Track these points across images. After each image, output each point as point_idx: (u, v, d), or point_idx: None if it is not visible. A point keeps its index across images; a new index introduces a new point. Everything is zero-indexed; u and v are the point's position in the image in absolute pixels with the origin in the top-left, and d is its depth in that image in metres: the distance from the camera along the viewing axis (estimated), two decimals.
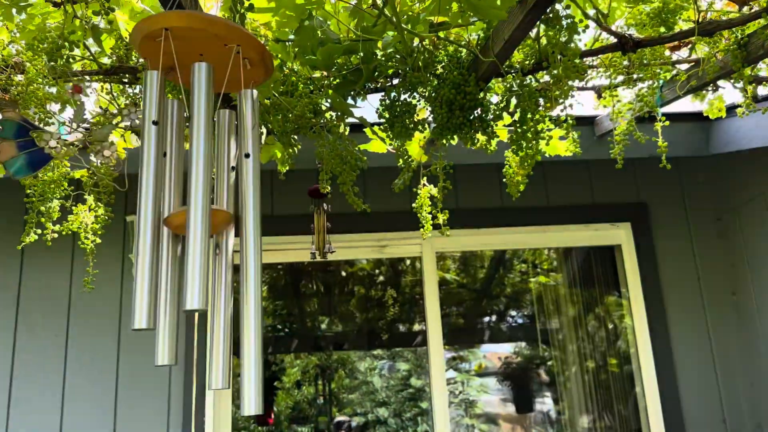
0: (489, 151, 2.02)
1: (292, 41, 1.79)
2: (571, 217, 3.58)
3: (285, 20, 1.39)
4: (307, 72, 1.98)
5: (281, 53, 1.88)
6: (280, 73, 1.93)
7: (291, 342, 6.21)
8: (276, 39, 1.84)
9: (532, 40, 1.83)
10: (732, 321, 3.36)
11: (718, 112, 2.26)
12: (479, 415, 10.19)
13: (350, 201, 1.92)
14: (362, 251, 3.56)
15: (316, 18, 1.71)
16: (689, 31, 1.79)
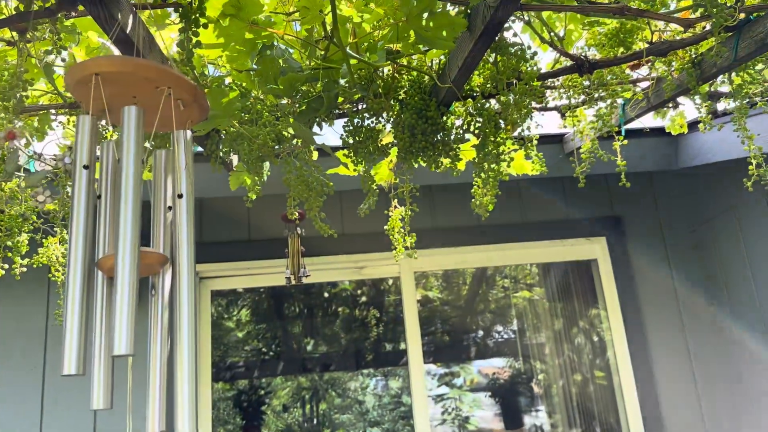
0: (454, 173, 2.04)
1: (254, 70, 1.82)
2: (548, 233, 3.61)
3: (235, 54, 1.41)
4: (272, 100, 2.01)
5: (245, 82, 1.90)
6: (245, 101, 1.95)
7: (277, 365, 6.18)
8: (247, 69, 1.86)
9: (491, 65, 1.86)
10: (710, 331, 3.39)
11: (679, 129, 2.30)
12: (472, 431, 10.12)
13: (317, 227, 1.94)
14: (340, 273, 3.57)
15: (277, 47, 1.74)
16: (646, 51, 1.83)
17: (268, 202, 2.70)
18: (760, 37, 1.64)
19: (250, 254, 3.39)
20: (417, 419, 3.26)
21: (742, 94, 1.86)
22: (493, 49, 1.52)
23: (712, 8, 1.49)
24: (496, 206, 3.43)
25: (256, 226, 3.42)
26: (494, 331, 6.69)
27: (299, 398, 7.49)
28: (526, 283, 5.16)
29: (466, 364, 9.73)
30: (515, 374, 6.87)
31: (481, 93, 1.88)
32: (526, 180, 3.58)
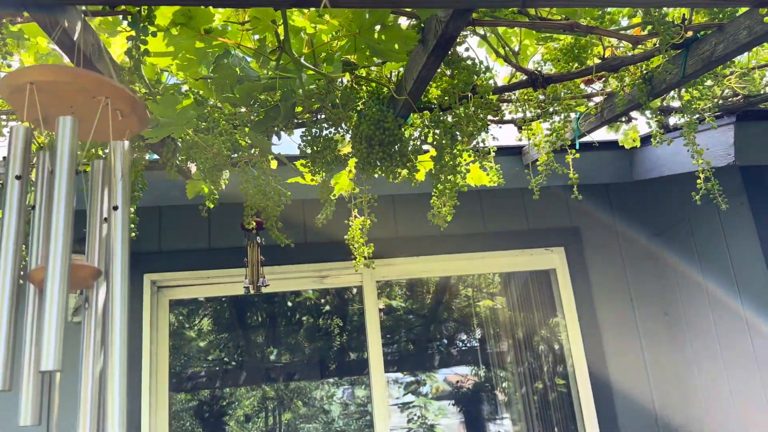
0: (413, 183, 2.05)
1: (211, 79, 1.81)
2: (508, 242, 3.65)
3: (185, 63, 1.40)
4: (230, 108, 2.00)
5: (203, 90, 1.89)
6: (202, 109, 1.94)
7: (239, 375, 6.11)
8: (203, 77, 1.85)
9: (448, 77, 1.88)
10: (665, 340, 3.46)
11: (632, 142, 2.36)
12: None
13: (274, 236, 1.93)
14: (303, 282, 3.55)
15: (234, 56, 1.73)
16: (597, 66, 1.88)
17: (229, 211, 2.67)
18: (706, 54, 1.69)
19: (211, 263, 3.35)
20: (378, 428, 3.25)
21: (691, 110, 1.92)
22: (447, 63, 1.54)
23: (660, 26, 1.53)
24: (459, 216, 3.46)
25: (217, 235, 3.39)
26: (458, 339, 6.73)
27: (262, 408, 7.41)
28: (488, 292, 5.21)
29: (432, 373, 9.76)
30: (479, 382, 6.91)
31: (439, 105, 1.90)
32: (488, 191, 3.62)
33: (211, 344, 5.80)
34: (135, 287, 3.20)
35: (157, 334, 3.23)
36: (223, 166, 1.89)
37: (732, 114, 2.36)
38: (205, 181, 2.14)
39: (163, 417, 3.16)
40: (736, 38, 1.58)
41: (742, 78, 2.10)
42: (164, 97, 1.50)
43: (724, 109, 2.35)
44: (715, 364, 3.09)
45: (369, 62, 1.54)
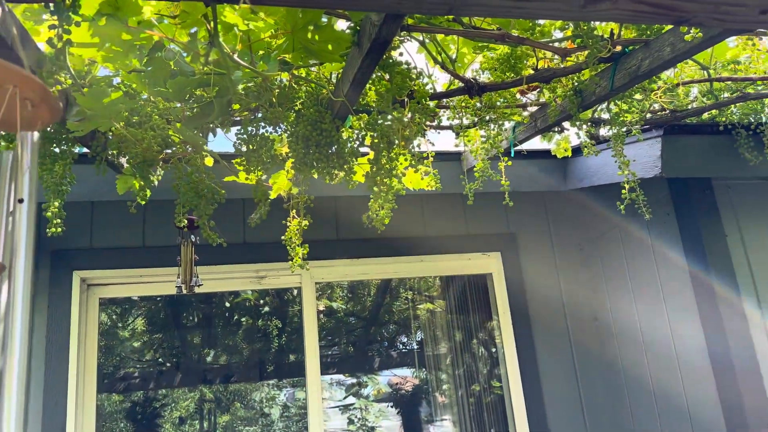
0: (350, 186, 2.05)
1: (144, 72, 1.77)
2: (447, 246, 3.70)
3: (111, 55, 1.36)
4: (164, 103, 1.96)
5: (136, 83, 1.84)
6: (133, 103, 1.89)
7: (174, 376, 5.98)
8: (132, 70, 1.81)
9: (386, 81, 1.90)
10: (594, 343, 3.57)
11: (564, 152, 2.42)
12: None
13: (205, 235, 1.90)
14: (240, 282, 3.50)
15: (168, 50, 1.70)
16: (529, 77, 1.92)
17: (164, 208, 2.61)
18: (632, 69, 1.76)
19: (144, 261, 3.27)
20: (312, 430, 3.24)
21: (618, 122, 1.99)
22: (382, 67, 1.55)
23: (588, 39, 1.58)
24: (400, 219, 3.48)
25: (152, 232, 3.31)
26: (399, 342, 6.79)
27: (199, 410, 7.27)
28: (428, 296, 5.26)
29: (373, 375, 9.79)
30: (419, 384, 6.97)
31: (377, 108, 1.91)
32: (429, 195, 3.65)
33: (146, 344, 5.66)
34: (63, 285, 3.09)
35: (85, 333, 3.13)
36: (153, 161, 1.86)
37: (660, 127, 2.46)
38: (135, 176, 2.09)
39: (90, 418, 3.06)
40: (661, 54, 1.65)
41: (668, 93, 2.19)
42: (92, 90, 1.46)
43: (652, 123, 2.44)
44: (641, 370, 3.21)
45: (304, 62, 1.54)
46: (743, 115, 2.48)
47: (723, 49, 2.12)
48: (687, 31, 1.48)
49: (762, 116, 2.49)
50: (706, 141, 2.62)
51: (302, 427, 7.87)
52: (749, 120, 2.49)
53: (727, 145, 2.60)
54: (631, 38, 1.80)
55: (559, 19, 1.06)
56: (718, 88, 2.31)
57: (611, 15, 1.03)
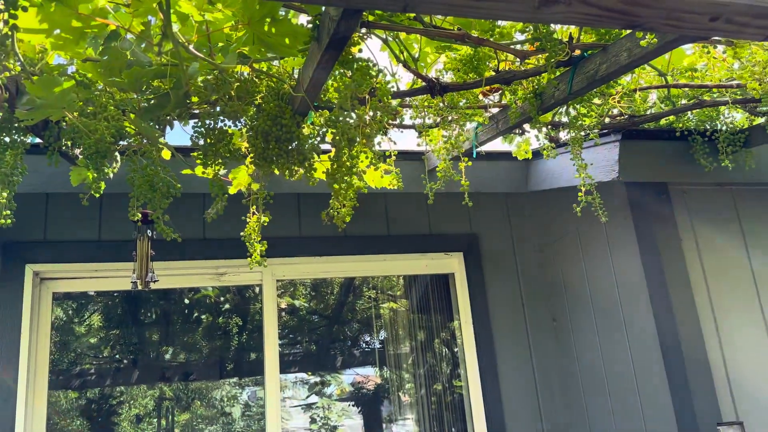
0: (310, 182, 2.04)
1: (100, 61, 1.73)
2: (410, 246, 3.71)
3: (61, 42, 1.33)
4: (120, 94, 1.92)
5: (91, 72, 1.80)
6: (88, 93, 1.85)
7: (132, 373, 5.87)
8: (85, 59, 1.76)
9: (348, 78, 1.89)
10: (551, 344, 3.62)
11: (525, 154, 2.44)
12: None
13: (159, 229, 1.86)
14: (199, 279, 3.45)
15: (124, 39, 1.66)
16: (490, 79, 1.93)
17: (121, 201, 2.56)
18: (590, 73, 1.78)
19: (100, 255, 3.20)
20: (269, 430, 3.21)
21: (577, 126, 2.01)
22: (342, 63, 1.54)
23: (547, 42, 1.60)
24: (363, 218, 3.47)
25: (108, 226, 3.24)
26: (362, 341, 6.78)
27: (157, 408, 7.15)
28: (392, 295, 5.27)
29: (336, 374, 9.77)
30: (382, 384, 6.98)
31: (339, 105, 1.90)
32: (393, 194, 3.65)
33: (103, 341, 5.54)
34: (15, 278, 3.01)
35: (37, 328, 3.05)
36: (107, 153, 1.81)
37: (618, 132, 2.50)
38: (89, 168, 2.04)
39: (41, 416, 2.99)
40: (618, 59, 1.67)
41: (626, 98, 2.22)
42: (42, 78, 1.42)
43: (610, 128, 2.48)
44: (597, 372, 3.26)
45: (262, 55, 1.52)
46: (699, 121, 2.54)
47: (680, 56, 2.16)
48: (643, 36, 1.51)
49: (717, 123, 2.55)
50: (663, 146, 2.67)
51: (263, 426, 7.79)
52: (705, 127, 2.55)
53: (684, 151, 2.65)
54: (589, 42, 1.82)
55: (513, 20, 1.06)
56: (676, 95, 2.36)
57: (565, 18, 1.03)
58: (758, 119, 2.46)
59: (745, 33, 1.07)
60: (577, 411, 3.43)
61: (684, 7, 0.99)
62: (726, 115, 2.48)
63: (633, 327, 2.96)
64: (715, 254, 2.88)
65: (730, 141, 2.48)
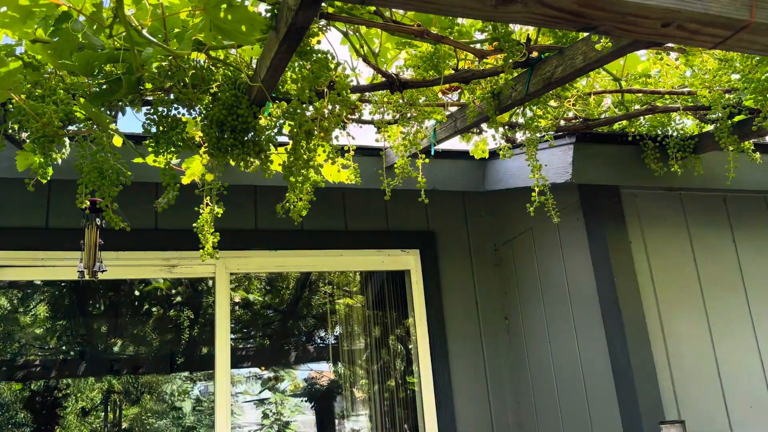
0: (266, 174, 2.01)
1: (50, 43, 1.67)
2: (367, 242, 3.70)
3: (7, 20, 1.28)
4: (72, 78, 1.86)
5: (40, 54, 1.74)
6: (37, 75, 1.79)
7: (79, 365, 5.72)
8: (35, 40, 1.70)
9: (307, 70, 1.87)
10: (503, 342, 3.67)
11: (481, 153, 2.47)
12: None
13: (107, 218, 1.81)
14: (150, 270, 3.38)
15: (76, 21, 1.61)
16: (449, 77, 1.94)
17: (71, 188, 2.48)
18: (547, 75, 1.80)
19: (47, 244, 3.10)
20: (218, 426, 3.17)
21: (532, 127, 2.03)
22: (300, 54, 1.52)
23: (505, 42, 1.61)
24: (320, 213, 3.44)
25: (56, 213, 3.14)
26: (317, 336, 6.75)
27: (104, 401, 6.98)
28: (347, 290, 5.26)
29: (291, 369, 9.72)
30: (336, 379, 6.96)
31: (297, 97, 1.88)
32: (351, 189, 3.64)
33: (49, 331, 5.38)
34: None
35: None
36: (55, 137, 1.76)
37: (572, 135, 2.54)
38: (36, 153, 1.98)
39: None
40: (573, 62, 1.70)
41: (581, 102, 2.26)
42: None
43: (565, 130, 2.52)
44: (546, 371, 3.31)
45: (218, 43, 1.49)
46: (651, 127, 2.60)
47: (635, 62, 2.21)
48: (598, 40, 1.53)
49: (668, 129, 2.62)
50: (616, 150, 2.73)
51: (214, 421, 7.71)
52: (657, 132, 2.61)
53: (635, 156, 2.72)
54: (546, 45, 1.84)
55: (471, 18, 1.07)
56: (629, 100, 2.41)
57: (522, 18, 1.04)
58: (708, 126, 2.54)
59: (695, 40, 1.10)
60: (526, 408, 3.48)
61: (637, 11, 1.01)
62: (677, 122, 2.55)
63: (582, 327, 3.02)
64: (662, 256, 2.96)
65: (680, 147, 2.55)
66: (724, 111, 2.17)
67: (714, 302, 2.95)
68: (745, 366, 2.91)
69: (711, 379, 2.82)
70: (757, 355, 2.94)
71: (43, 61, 1.79)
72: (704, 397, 2.79)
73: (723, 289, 3.00)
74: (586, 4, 0.99)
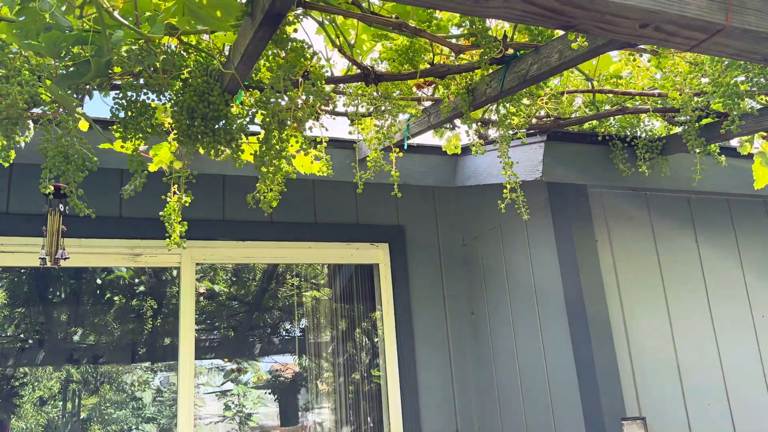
0: (236, 164, 1.98)
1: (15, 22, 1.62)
2: (337, 235, 3.69)
3: None
4: (36, 58, 1.80)
5: (5, 33, 1.68)
6: (2, 55, 1.73)
7: (37, 354, 5.58)
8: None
9: (282, 59, 1.84)
10: (469, 337, 3.69)
11: (454, 149, 2.47)
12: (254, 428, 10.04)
13: (72, 204, 1.76)
14: (113, 258, 3.30)
15: (44, 0, 1.56)
16: (425, 71, 1.93)
17: (34, 172, 2.41)
18: (522, 73, 1.81)
19: (6, 229, 3.01)
20: (181, 419, 3.13)
21: (505, 124, 2.04)
22: (275, 42, 1.50)
23: (482, 39, 1.61)
24: (290, 204, 3.41)
25: (17, 198, 3.05)
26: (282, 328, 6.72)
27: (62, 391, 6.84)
28: (315, 283, 5.23)
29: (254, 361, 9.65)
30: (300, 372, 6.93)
31: (271, 86, 1.85)
32: (322, 182, 3.62)
33: (6, 319, 5.24)
34: None
35: None
36: (19, 119, 1.70)
37: (544, 133, 2.56)
38: None
39: None
40: (548, 60, 1.71)
41: (553, 100, 2.28)
42: None
43: (537, 128, 2.54)
44: (511, 367, 3.35)
45: (192, 27, 1.46)
46: (621, 127, 2.64)
47: (607, 62, 2.23)
48: (574, 39, 1.54)
49: (637, 130, 2.66)
50: (585, 149, 2.76)
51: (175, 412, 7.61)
52: (626, 133, 2.65)
53: (604, 155, 2.75)
54: (523, 42, 1.85)
55: (452, 11, 1.06)
56: (600, 100, 2.44)
57: (502, 13, 1.04)
58: (675, 128, 2.58)
59: (671, 42, 1.11)
60: (490, 404, 3.52)
61: (616, 11, 1.01)
62: (646, 123, 2.59)
63: (547, 324, 3.05)
64: (627, 255, 3.01)
65: (648, 148, 2.59)
66: (693, 114, 2.21)
67: (676, 301, 3.02)
68: (704, 364, 2.98)
69: (671, 376, 2.89)
70: (716, 353, 3.01)
71: (8, 41, 1.74)
72: (664, 394, 2.85)
73: (685, 288, 3.07)
74: (567, 2, 0.99)
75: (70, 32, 1.61)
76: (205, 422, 9.24)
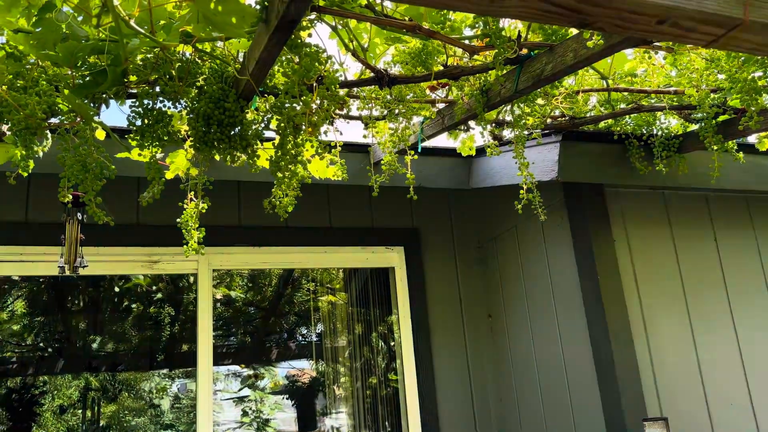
0: (252, 169, 1.99)
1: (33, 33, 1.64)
2: (352, 239, 3.69)
3: None
4: (53, 68, 1.82)
5: (23, 44, 1.70)
6: (19, 65, 1.75)
7: (57, 362, 5.63)
8: (17, 29, 1.67)
9: (296, 64, 1.85)
10: (486, 340, 3.68)
11: (468, 150, 2.46)
12: None
13: (91, 212, 1.77)
14: (131, 266, 3.33)
15: (60, 11, 1.58)
16: (438, 73, 1.93)
17: (52, 182, 2.43)
18: (536, 72, 1.80)
19: (26, 238, 3.04)
20: (200, 424, 3.14)
21: (520, 125, 2.03)
22: (290, 47, 1.50)
23: (496, 39, 1.61)
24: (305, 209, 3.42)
25: (36, 207, 3.09)
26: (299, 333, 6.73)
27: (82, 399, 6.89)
28: (330, 287, 5.24)
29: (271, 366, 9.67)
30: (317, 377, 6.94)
31: (286, 91, 1.85)
32: (336, 186, 3.62)
33: (26, 328, 5.28)
34: None
35: None
36: (37, 129, 1.72)
37: (559, 133, 2.55)
38: (17, 145, 1.93)
39: None
40: (563, 59, 1.70)
41: (568, 99, 2.27)
42: None
43: (552, 128, 2.53)
44: (530, 369, 3.33)
45: (207, 34, 1.47)
46: (637, 126, 2.62)
47: (622, 60, 2.22)
48: (589, 37, 1.53)
49: (654, 128, 2.63)
50: (601, 149, 2.74)
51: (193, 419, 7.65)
52: (642, 131, 2.63)
53: (620, 154, 2.73)
54: (537, 42, 1.84)
55: (467, 11, 1.06)
56: (615, 99, 2.42)
57: (518, 12, 1.03)
58: (692, 126, 2.56)
59: (689, 38, 1.10)
60: (509, 405, 3.49)
61: (634, 8, 1.00)
62: (662, 121, 2.57)
63: (565, 325, 3.03)
64: (646, 255, 2.98)
65: (665, 146, 2.57)
66: (710, 110, 2.19)
67: (696, 300, 2.98)
68: (726, 364, 2.95)
69: (692, 376, 2.85)
70: (737, 353, 2.97)
71: (25, 52, 1.76)
72: (686, 394, 2.82)
73: (704, 288, 3.03)
74: (584, 0, 0.98)
75: (87, 42, 1.63)
76: (223, 428, 9.27)
